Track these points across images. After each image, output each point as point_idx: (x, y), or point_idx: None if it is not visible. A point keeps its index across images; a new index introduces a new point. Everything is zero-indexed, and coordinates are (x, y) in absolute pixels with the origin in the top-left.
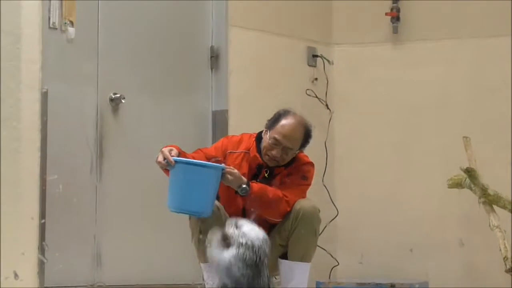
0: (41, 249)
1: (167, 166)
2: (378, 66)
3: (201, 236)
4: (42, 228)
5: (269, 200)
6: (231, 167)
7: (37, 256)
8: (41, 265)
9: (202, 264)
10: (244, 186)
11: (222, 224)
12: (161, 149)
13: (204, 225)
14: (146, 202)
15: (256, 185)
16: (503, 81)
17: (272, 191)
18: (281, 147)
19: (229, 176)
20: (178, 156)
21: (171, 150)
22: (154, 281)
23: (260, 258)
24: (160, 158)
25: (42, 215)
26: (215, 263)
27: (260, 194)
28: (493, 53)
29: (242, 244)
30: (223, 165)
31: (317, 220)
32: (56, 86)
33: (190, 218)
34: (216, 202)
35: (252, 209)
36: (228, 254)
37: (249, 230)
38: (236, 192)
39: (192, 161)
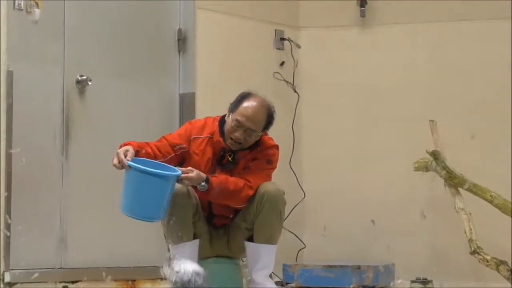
0: (6, 224)
1: (122, 169)
2: (346, 50)
3: (171, 219)
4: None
5: (230, 192)
6: (189, 168)
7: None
8: (7, 243)
9: (170, 246)
10: (203, 184)
11: (193, 206)
12: (117, 150)
13: (174, 208)
14: (112, 185)
15: (215, 180)
16: (467, 65)
17: (233, 182)
18: (244, 129)
19: (186, 181)
20: (135, 155)
21: (127, 151)
22: (121, 263)
23: None
24: (115, 161)
25: (7, 189)
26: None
27: (220, 188)
28: (458, 36)
29: (173, 282)
30: (179, 171)
31: (281, 203)
32: (22, 67)
33: None
34: None
35: (214, 200)
36: None
37: (179, 267)
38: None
39: (146, 170)
